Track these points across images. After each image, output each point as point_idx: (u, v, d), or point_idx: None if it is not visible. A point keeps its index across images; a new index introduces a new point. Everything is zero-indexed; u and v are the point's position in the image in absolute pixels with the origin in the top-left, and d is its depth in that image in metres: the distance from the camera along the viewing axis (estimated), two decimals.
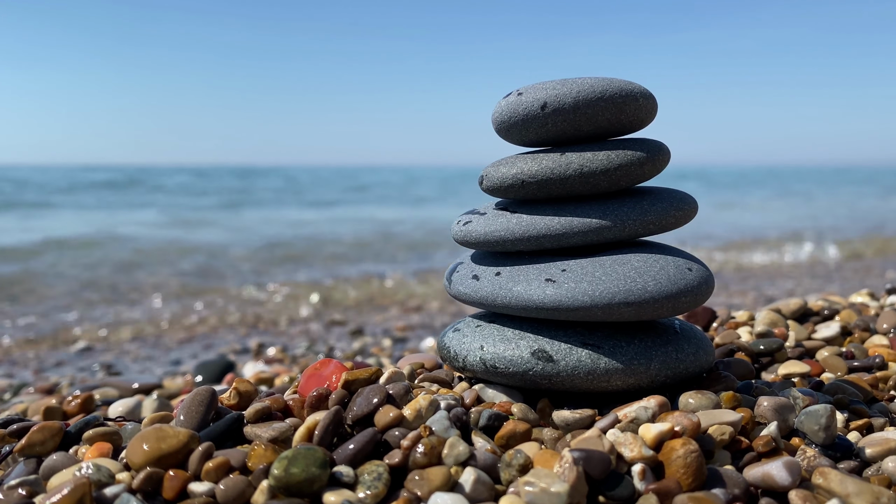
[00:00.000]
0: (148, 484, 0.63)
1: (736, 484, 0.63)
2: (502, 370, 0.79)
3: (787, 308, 1.27)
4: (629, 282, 0.76)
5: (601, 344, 0.78)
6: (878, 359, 1.01)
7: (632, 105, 0.82)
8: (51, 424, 0.78)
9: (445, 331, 0.90)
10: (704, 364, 0.83)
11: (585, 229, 0.80)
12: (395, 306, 3.11)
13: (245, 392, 0.83)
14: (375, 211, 9.57)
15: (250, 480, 0.63)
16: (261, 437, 0.71)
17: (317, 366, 0.87)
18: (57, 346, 2.42)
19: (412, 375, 0.91)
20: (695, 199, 0.86)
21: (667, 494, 0.60)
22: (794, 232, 6.31)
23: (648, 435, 0.66)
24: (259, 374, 1.57)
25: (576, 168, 0.80)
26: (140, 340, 2.51)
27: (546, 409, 0.79)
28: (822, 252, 4.86)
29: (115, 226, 6.93)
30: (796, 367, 0.99)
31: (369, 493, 0.61)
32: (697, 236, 5.72)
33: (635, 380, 0.77)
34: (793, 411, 0.75)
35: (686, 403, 0.75)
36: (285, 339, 2.46)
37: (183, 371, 1.96)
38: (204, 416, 0.74)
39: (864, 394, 0.91)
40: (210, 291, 3.51)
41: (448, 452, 0.66)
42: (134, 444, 0.67)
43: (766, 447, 0.68)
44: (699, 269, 0.81)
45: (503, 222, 0.83)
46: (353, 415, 0.73)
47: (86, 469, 0.65)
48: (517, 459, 0.65)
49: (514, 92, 0.85)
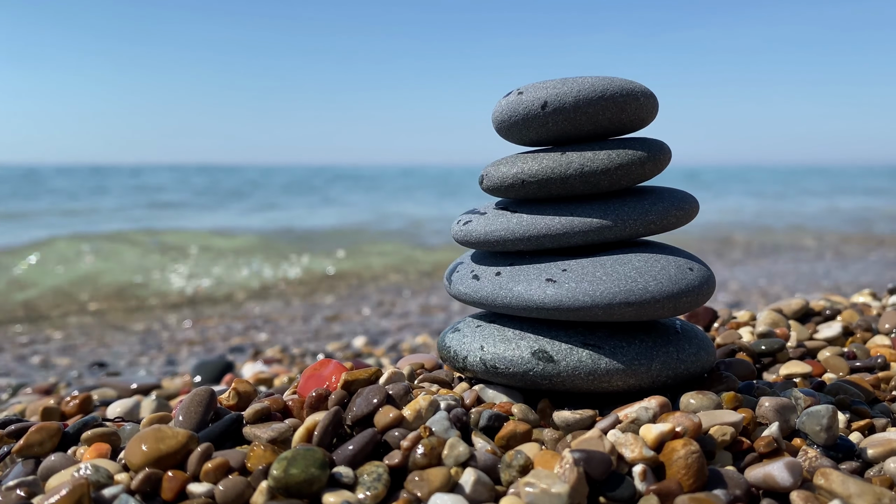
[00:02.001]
0: (147, 485, 0.63)
1: (737, 485, 0.62)
2: (502, 370, 0.79)
3: (788, 308, 1.27)
4: (630, 282, 0.76)
5: (602, 344, 0.78)
6: (880, 359, 1.01)
7: (633, 104, 0.81)
8: (49, 425, 0.77)
9: (445, 331, 0.90)
10: (706, 364, 0.83)
11: (586, 229, 0.79)
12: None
13: (244, 392, 0.83)
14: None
15: (249, 481, 0.62)
16: (260, 437, 0.70)
17: (316, 366, 0.86)
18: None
19: (412, 376, 0.91)
20: (696, 198, 0.86)
21: (668, 495, 0.60)
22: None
23: (649, 435, 0.66)
24: (258, 374, 1.56)
25: (576, 167, 0.80)
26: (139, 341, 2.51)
27: (546, 410, 0.78)
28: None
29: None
30: (798, 368, 0.98)
31: (369, 493, 0.61)
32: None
33: (636, 380, 0.77)
34: (794, 412, 0.75)
35: (687, 404, 0.75)
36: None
37: (181, 371, 1.96)
38: (203, 416, 0.74)
39: (866, 394, 0.90)
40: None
41: (448, 453, 0.65)
42: (132, 444, 0.67)
43: (768, 448, 0.67)
44: (700, 268, 0.81)
45: (503, 222, 0.82)
46: (353, 415, 0.73)
47: (84, 470, 0.65)
48: (517, 460, 0.65)
49: (515, 91, 0.85)
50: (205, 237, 5.73)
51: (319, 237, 5.85)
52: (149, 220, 7.36)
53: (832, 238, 5.72)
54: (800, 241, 5.59)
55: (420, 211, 9.25)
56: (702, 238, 5.57)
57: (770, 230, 6.49)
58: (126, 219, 7.64)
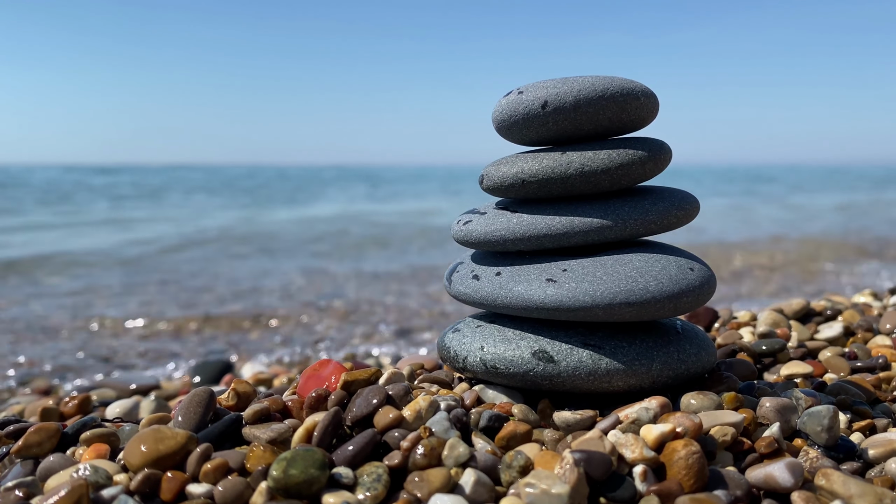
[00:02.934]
0: (146, 485, 0.63)
1: (738, 485, 0.62)
2: (503, 371, 0.79)
3: (789, 308, 1.27)
4: (630, 282, 0.75)
5: (602, 344, 0.77)
6: (881, 359, 1.01)
7: (633, 103, 0.81)
8: (48, 425, 0.77)
9: (445, 331, 0.90)
10: (706, 365, 0.82)
11: (586, 229, 0.79)
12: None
13: (244, 393, 0.82)
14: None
15: (249, 482, 0.62)
16: (259, 438, 0.70)
17: (316, 366, 0.86)
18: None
19: (412, 376, 0.91)
20: (696, 198, 0.86)
21: (668, 496, 0.60)
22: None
23: (650, 436, 0.65)
24: (258, 374, 1.56)
25: (577, 167, 0.80)
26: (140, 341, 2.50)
27: (547, 410, 0.78)
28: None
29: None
30: (799, 368, 0.98)
31: (369, 494, 0.61)
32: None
33: (637, 380, 0.77)
34: (795, 412, 0.75)
35: (688, 404, 0.75)
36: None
37: (181, 371, 1.96)
38: (202, 417, 0.74)
39: (867, 394, 0.90)
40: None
41: (448, 454, 0.65)
42: (132, 445, 0.67)
43: (769, 448, 0.67)
44: (701, 268, 0.81)
45: (504, 222, 0.82)
46: (353, 416, 0.72)
47: (83, 470, 0.65)
48: (518, 461, 0.65)
49: (515, 90, 0.85)
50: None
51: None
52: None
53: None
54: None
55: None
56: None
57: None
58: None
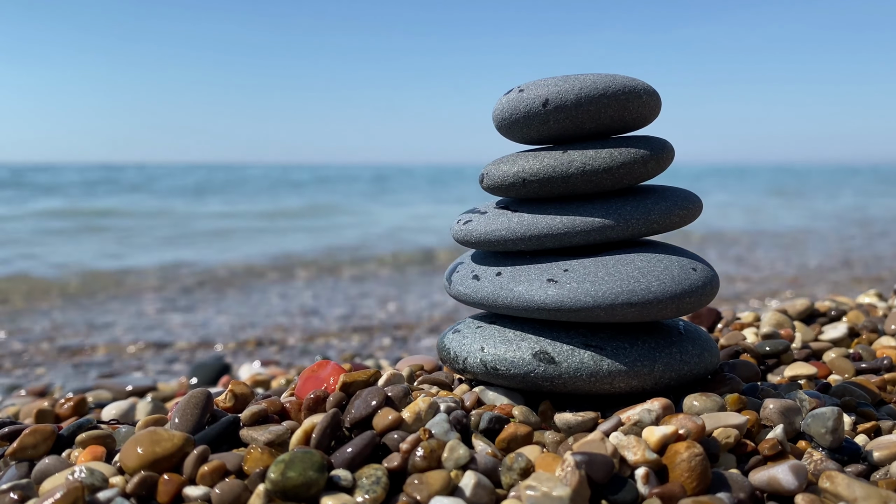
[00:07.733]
0: (142, 488, 0.62)
1: (741, 488, 0.62)
2: (503, 372, 0.78)
3: (793, 309, 1.26)
4: (632, 282, 0.75)
5: (604, 345, 0.77)
6: (886, 360, 1.00)
7: (635, 102, 0.81)
8: (43, 427, 0.77)
9: (445, 332, 0.89)
10: (709, 366, 0.82)
11: (588, 228, 0.78)
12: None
13: (241, 394, 0.82)
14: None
15: (246, 484, 0.62)
16: (257, 440, 0.70)
17: (314, 368, 0.85)
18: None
19: (411, 377, 0.90)
20: (699, 197, 0.85)
21: (671, 498, 0.59)
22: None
23: (652, 438, 0.65)
24: (255, 376, 1.55)
25: (578, 166, 0.79)
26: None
27: (548, 412, 0.77)
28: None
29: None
30: (803, 369, 0.98)
31: (368, 497, 0.60)
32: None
33: (639, 382, 0.76)
34: (799, 414, 0.74)
35: (690, 406, 0.74)
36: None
37: (177, 373, 1.95)
38: (199, 418, 0.73)
39: (872, 396, 0.89)
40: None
41: (448, 456, 0.65)
42: (128, 447, 0.66)
43: (772, 450, 0.67)
44: (704, 269, 0.80)
45: (504, 221, 0.82)
46: (352, 417, 0.72)
47: (79, 473, 0.64)
48: (518, 463, 0.64)
49: (516, 88, 0.84)
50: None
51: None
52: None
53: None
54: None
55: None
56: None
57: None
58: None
